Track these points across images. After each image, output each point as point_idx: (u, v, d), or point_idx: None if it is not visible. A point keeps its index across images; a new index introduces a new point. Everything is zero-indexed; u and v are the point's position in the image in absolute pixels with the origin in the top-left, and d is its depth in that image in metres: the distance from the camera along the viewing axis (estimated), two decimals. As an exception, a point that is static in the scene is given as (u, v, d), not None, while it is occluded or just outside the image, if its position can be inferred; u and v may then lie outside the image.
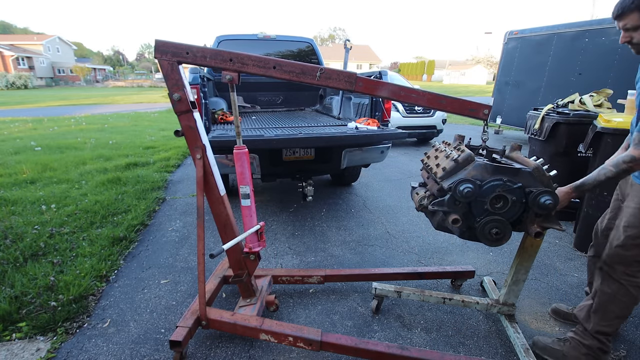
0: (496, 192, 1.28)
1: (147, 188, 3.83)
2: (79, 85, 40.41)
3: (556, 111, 3.00)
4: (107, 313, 1.86)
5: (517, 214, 1.32)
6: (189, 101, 1.42)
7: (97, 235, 2.63)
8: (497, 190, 1.27)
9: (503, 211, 1.31)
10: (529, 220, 1.33)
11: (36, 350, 1.58)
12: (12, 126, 8.49)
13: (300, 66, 1.36)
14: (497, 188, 1.27)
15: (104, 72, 51.57)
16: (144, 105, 16.65)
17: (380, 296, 1.88)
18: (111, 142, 6.46)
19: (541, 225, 1.32)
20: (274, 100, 4.98)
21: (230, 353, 1.59)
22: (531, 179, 1.30)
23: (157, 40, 1.34)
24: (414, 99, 1.39)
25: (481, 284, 2.10)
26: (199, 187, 1.50)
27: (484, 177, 1.29)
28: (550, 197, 1.25)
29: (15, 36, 50.04)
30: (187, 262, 2.39)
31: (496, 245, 1.32)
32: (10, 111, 12.76)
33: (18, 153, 5.45)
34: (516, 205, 1.30)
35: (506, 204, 1.30)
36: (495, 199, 1.29)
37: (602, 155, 2.36)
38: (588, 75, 5.83)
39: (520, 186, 1.28)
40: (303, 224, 3.06)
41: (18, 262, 2.23)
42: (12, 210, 3.07)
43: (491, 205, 1.30)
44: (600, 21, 5.81)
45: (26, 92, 27.05)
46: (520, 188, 1.28)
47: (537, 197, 1.26)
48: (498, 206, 1.30)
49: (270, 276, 1.98)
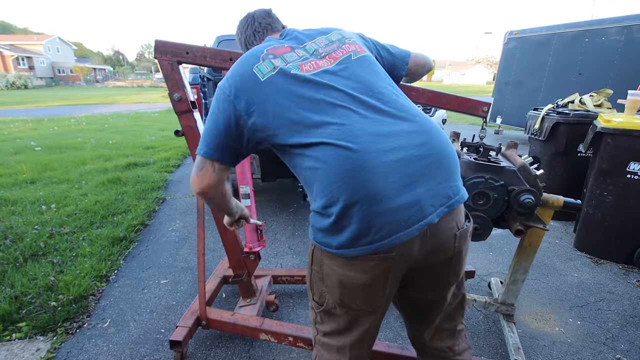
0: (478, 189, 1.31)
1: (147, 188, 3.83)
2: (79, 85, 40.41)
3: (556, 111, 3.00)
4: (107, 313, 1.86)
5: (500, 211, 1.34)
6: (189, 101, 1.42)
7: (97, 235, 2.63)
8: (479, 187, 1.31)
9: (484, 208, 1.34)
10: (511, 218, 1.36)
11: (36, 350, 1.58)
12: (12, 126, 8.49)
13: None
14: (479, 185, 1.31)
15: (104, 72, 51.61)
16: (144, 105, 16.64)
17: None
18: (111, 142, 6.46)
19: (524, 223, 1.35)
20: None
21: (230, 353, 1.59)
22: (515, 178, 1.32)
23: (157, 41, 1.34)
24: (414, 97, 1.39)
25: (489, 284, 2.09)
26: (199, 187, 1.50)
27: (467, 174, 1.32)
28: (531, 196, 1.27)
29: (15, 36, 50.10)
30: (187, 262, 2.39)
31: (475, 240, 1.35)
32: (10, 111, 12.76)
33: (18, 153, 5.45)
34: (498, 203, 1.33)
35: (488, 201, 1.33)
36: (477, 195, 1.32)
37: (602, 155, 2.36)
38: (588, 75, 5.83)
39: (503, 184, 1.30)
40: (303, 224, 3.06)
41: (18, 262, 2.23)
42: (12, 210, 3.07)
43: (473, 202, 1.33)
44: (600, 21, 5.81)
45: (26, 92, 27.06)
46: (503, 186, 1.31)
47: (517, 195, 1.28)
48: (480, 203, 1.34)
49: (270, 276, 1.98)
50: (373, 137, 0.75)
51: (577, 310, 1.93)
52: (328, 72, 0.86)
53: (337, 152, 0.74)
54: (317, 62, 0.88)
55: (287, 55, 0.89)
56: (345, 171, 0.73)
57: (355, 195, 0.72)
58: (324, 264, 0.82)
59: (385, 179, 0.72)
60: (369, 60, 0.94)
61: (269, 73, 0.85)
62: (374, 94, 0.84)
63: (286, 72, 0.85)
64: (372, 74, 0.90)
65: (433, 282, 0.89)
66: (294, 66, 0.86)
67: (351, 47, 0.94)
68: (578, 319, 1.87)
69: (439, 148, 0.80)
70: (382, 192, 0.72)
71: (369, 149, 0.74)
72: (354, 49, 0.94)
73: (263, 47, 0.92)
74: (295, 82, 0.83)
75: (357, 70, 0.88)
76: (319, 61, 0.89)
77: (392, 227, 0.72)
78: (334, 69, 0.87)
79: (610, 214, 2.38)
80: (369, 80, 0.87)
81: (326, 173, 0.75)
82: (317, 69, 0.87)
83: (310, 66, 0.87)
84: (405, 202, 0.73)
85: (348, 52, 0.93)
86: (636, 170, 2.24)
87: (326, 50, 0.92)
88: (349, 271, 0.78)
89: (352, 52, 0.93)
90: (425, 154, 0.77)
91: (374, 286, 0.80)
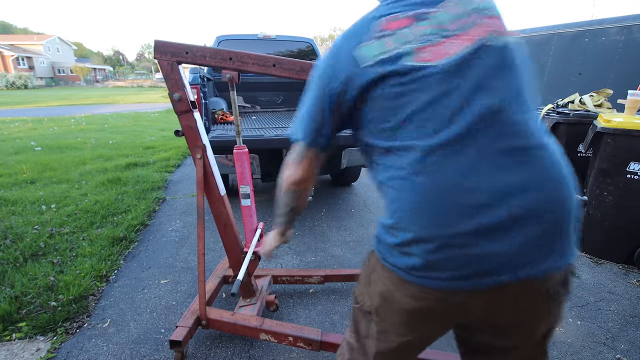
0: None
1: (147, 188, 3.83)
2: (79, 85, 40.43)
3: (556, 111, 3.00)
4: (107, 313, 1.86)
5: None
6: (189, 101, 1.42)
7: (97, 235, 2.63)
8: None
9: None
10: None
11: (36, 350, 1.58)
12: (12, 126, 8.49)
13: (299, 63, 1.36)
14: None
15: (104, 72, 51.64)
16: (144, 105, 16.64)
17: None
18: (111, 142, 6.46)
19: None
20: (274, 100, 4.97)
21: (230, 353, 1.59)
22: None
23: (157, 41, 1.34)
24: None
25: None
26: (199, 187, 1.50)
27: None
28: None
29: (15, 36, 50.11)
30: (187, 262, 2.39)
31: None
32: (10, 111, 12.76)
33: (18, 153, 5.44)
34: None
35: None
36: None
37: (602, 156, 2.36)
38: (588, 75, 5.83)
39: None
40: (303, 224, 3.06)
41: (18, 262, 2.22)
42: (12, 210, 3.07)
43: None
44: (600, 21, 5.81)
45: (26, 92, 27.06)
46: None
47: None
48: None
49: (270, 276, 1.98)
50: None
51: (577, 310, 1.93)
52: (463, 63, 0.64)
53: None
54: (447, 44, 0.64)
55: (404, 32, 0.66)
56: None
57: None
58: (376, 270, 0.76)
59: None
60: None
61: (373, 59, 0.67)
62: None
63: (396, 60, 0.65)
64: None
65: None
66: (409, 50, 0.65)
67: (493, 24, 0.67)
68: (578, 319, 1.87)
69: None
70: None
71: None
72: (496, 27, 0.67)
73: (373, 18, 0.70)
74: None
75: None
76: (452, 40, 0.65)
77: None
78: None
79: (610, 214, 2.38)
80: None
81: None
82: (442, 57, 0.64)
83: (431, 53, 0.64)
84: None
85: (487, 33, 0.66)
86: (636, 170, 2.24)
87: (460, 26, 0.66)
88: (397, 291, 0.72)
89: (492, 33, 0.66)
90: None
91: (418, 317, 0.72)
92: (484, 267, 0.62)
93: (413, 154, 0.65)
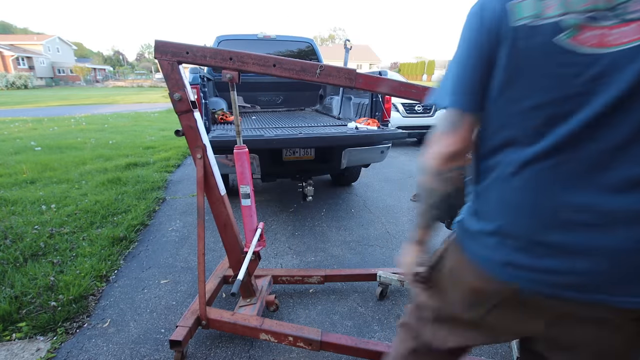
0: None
1: (147, 188, 3.83)
2: (79, 85, 40.43)
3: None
4: (107, 313, 1.86)
5: None
6: (190, 101, 1.42)
7: (97, 235, 2.63)
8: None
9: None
10: None
11: (36, 350, 1.58)
12: (12, 126, 8.49)
13: (300, 63, 1.36)
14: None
15: (104, 72, 51.62)
16: (144, 105, 16.64)
17: (385, 284, 1.93)
18: (111, 142, 6.46)
19: None
20: (274, 100, 4.97)
21: (230, 353, 1.59)
22: None
23: (157, 41, 1.34)
24: (414, 94, 1.39)
25: None
26: (199, 187, 1.50)
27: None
28: None
29: (15, 36, 50.10)
30: (187, 262, 2.39)
31: None
32: (10, 111, 12.76)
33: (18, 153, 5.45)
34: None
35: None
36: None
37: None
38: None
39: None
40: (303, 224, 3.06)
41: (18, 262, 2.23)
42: (12, 210, 3.07)
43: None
44: (600, 21, 5.80)
45: (26, 92, 27.05)
46: None
47: None
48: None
49: (270, 276, 1.98)
50: None
51: None
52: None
53: None
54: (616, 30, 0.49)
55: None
56: None
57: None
58: (450, 247, 0.76)
59: None
60: None
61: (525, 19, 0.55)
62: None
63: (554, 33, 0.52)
64: None
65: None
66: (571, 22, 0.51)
67: None
68: None
69: None
70: None
71: None
72: None
73: None
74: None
75: None
76: (622, 26, 0.49)
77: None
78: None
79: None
80: None
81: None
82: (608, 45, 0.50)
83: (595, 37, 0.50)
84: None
85: None
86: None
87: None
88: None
89: None
90: None
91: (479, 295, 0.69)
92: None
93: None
